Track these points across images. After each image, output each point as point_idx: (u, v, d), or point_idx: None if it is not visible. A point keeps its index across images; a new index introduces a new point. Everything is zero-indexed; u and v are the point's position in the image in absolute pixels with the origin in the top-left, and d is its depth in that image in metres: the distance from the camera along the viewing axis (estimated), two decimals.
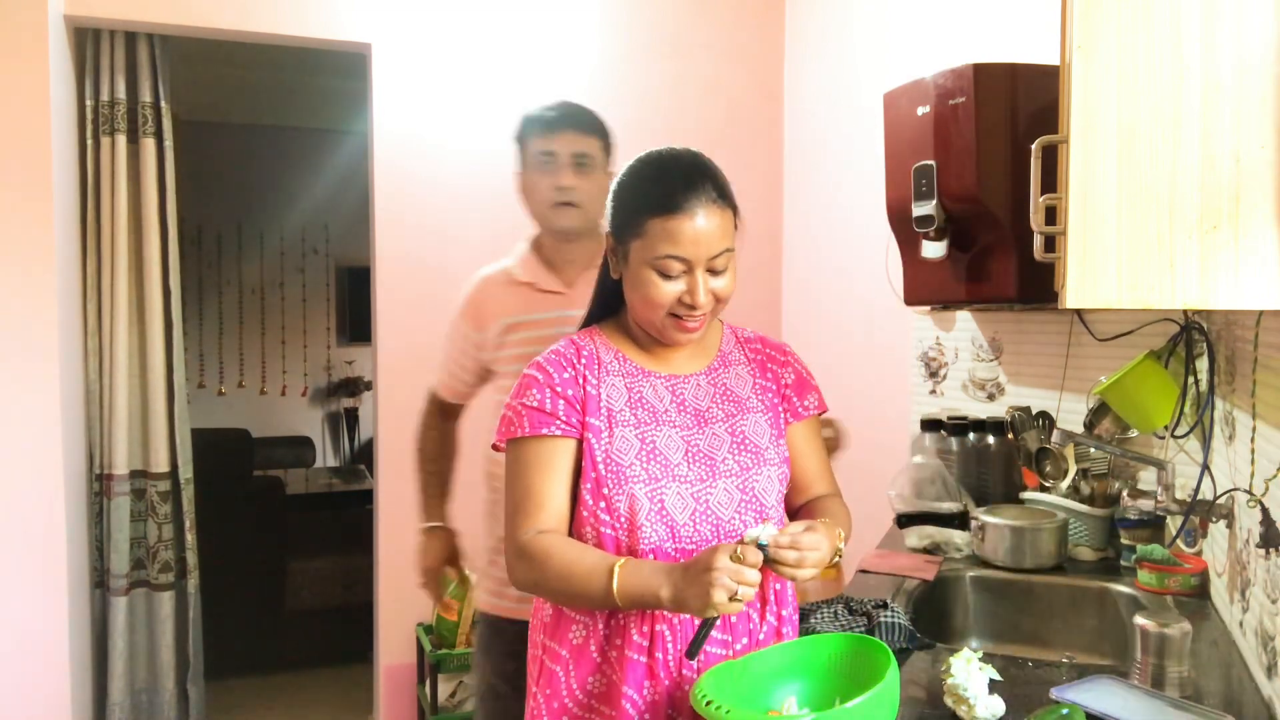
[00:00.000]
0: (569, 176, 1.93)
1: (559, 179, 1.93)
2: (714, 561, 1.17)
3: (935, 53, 2.60)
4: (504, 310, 1.99)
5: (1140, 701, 1.33)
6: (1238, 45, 1.01)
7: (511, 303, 1.99)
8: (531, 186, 1.98)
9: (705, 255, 1.34)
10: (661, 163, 1.40)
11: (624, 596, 1.26)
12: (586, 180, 1.95)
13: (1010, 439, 2.33)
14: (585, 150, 1.95)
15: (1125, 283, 1.05)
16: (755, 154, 3.53)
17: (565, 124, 1.96)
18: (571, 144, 1.95)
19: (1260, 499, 1.42)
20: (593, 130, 1.99)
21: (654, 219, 1.33)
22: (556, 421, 1.37)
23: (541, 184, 1.95)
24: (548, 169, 1.94)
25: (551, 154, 1.94)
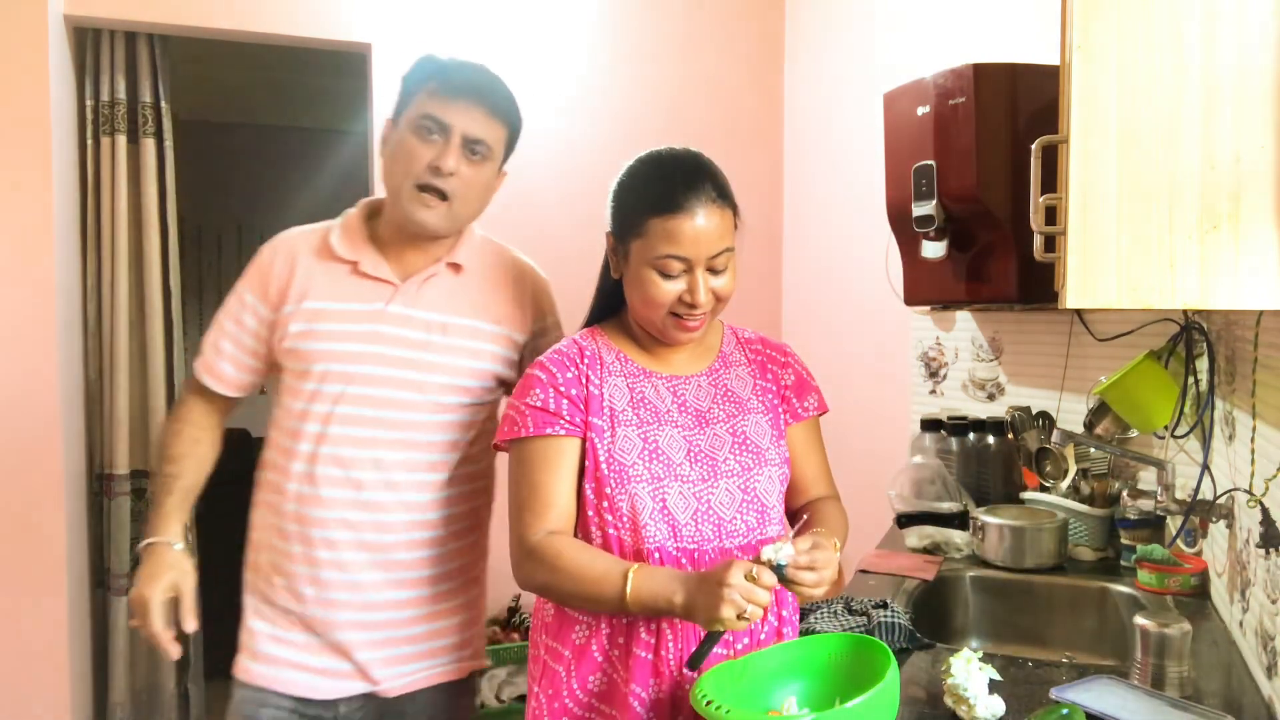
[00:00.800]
0: (454, 159, 1.49)
1: (442, 158, 1.48)
2: (728, 577, 1.18)
3: (935, 53, 2.60)
4: (307, 288, 1.56)
5: (1140, 701, 1.33)
6: (1238, 45, 1.01)
7: (321, 282, 1.57)
8: (403, 154, 1.51)
9: (705, 254, 1.34)
10: (661, 162, 1.40)
11: (637, 602, 1.26)
12: (473, 173, 1.52)
13: (1010, 439, 2.33)
14: (486, 137, 1.51)
15: (1125, 283, 1.05)
16: (755, 154, 3.53)
17: (473, 95, 1.51)
18: (473, 122, 1.50)
19: (1260, 499, 1.41)
20: (503, 116, 1.55)
21: (654, 218, 1.33)
22: (560, 421, 1.37)
23: (416, 155, 1.49)
24: (430, 140, 1.49)
25: (443, 125, 1.49)
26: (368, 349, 1.53)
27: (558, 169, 3.28)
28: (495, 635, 3.12)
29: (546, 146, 3.27)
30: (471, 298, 1.59)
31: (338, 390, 1.53)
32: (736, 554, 1.38)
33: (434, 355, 1.55)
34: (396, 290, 1.56)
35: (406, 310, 1.55)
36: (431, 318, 1.56)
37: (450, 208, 1.51)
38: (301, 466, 1.54)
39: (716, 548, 1.37)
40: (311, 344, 1.54)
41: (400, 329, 1.54)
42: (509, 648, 3.06)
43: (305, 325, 1.55)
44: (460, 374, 1.57)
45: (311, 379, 1.54)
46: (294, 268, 1.58)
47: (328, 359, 1.53)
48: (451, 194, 1.50)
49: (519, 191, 3.39)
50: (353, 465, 1.53)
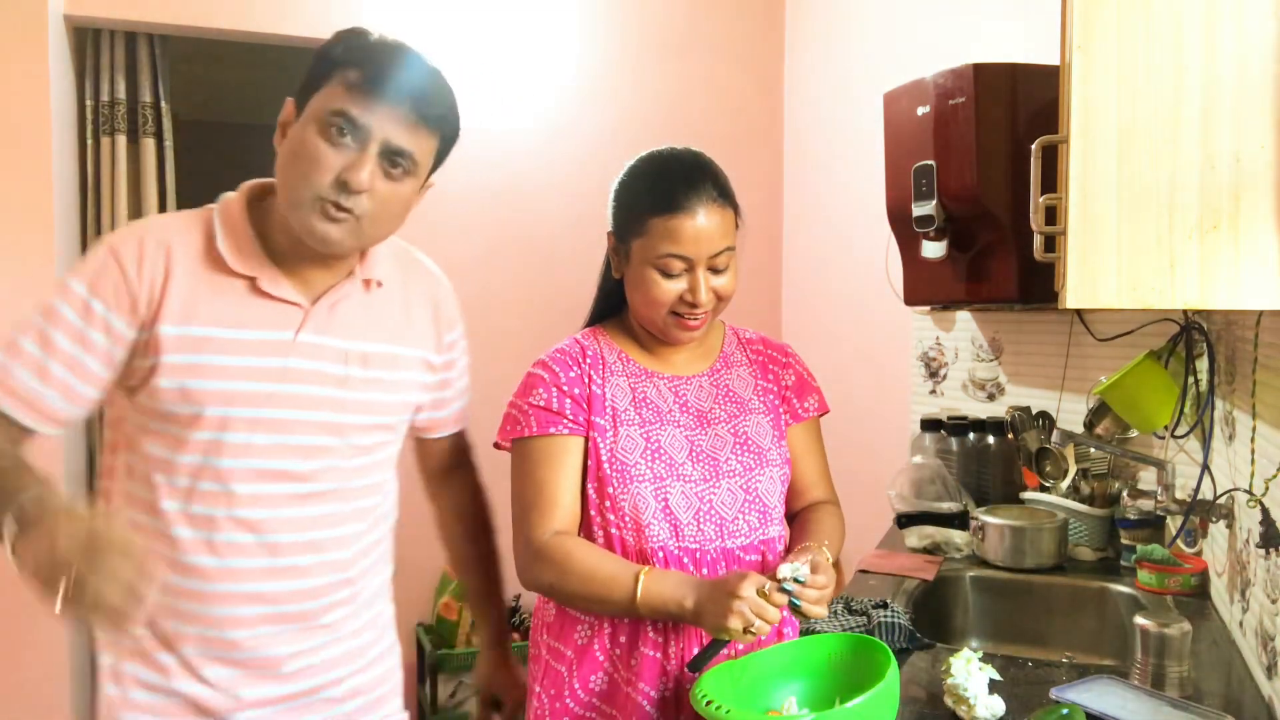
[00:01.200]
0: (368, 174, 1.16)
1: (354, 170, 1.16)
2: (740, 589, 1.19)
3: (935, 53, 2.60)
4: (192, 306, 1.21)
5: (1140, 701, 1.33)
6: (1238, 45, 1.01)
7: (209, 300, 1.22)
8: (305, 156, 1.17)
9: (706, 253, 1.34)
10: (662, 161, 1.40)
11: (646, 605, 1.27)
12: (390, 190, 1.20)
13: (1010, 439, 2.33)
14: (412, 149, 1.20)
15: (1125, 283, 1.05)
16: (755, 154, 3.53)
17: (403, 95, 1.18)
18: (398, 129, 1.18)
19: (1260, 499, 1.41)
20: (438, 123, 1.23)
21: (655, 218, 1.34)
22: (564, 421, 1.37)
23: (322, 161, 1.16)
24: (340, 144, 1.16)
25: (359, 128, 1.16)
26: (277, 389, 1.23)
27: (557, 169, 3.28)
28: None
29: (545, 146, 3.27)
30: (389, 318, 1.33)
31: (242, 441, 1.22)
32: (739, 554, 1.38)
33: (353, 392, 1.28)
34: (306, 315, 1.25)
35: (319, 339, 1.26)
36: (350, 347, 1.28)
37: (359, 225, 1.18)
38: (198, 534, 1.22)
39: (719, 548, 1.37)
40: (203, 383, 1.20)
41: (314, 363, 1.25)
42: None
43: (191, 358, 1.19)
44: (382, 410, 1.32)
45: (205, 427, 1.20)
46: (169, 275, 1.20)
47: (227, 402, 1.20)
48: (361, 214, 1.17)
49: (518, 191, 3.41)
50: (266, 528, 1.24)
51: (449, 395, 1.45)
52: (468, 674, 3.06)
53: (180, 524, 1.22)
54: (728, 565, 1.37)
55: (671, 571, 1.32)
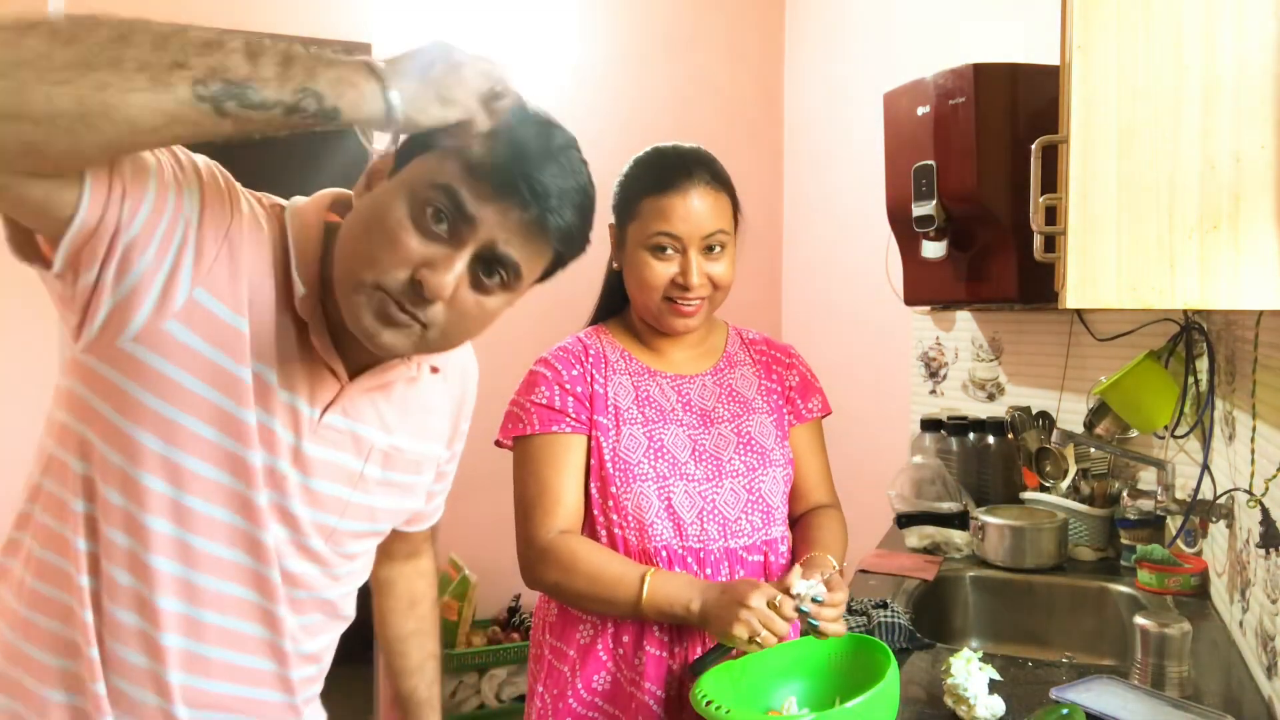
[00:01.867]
0: (453, 278, 0.88)
1: (436, 270, 0.87)
2: (749, 599, 1.19)
3: (935, 53, 2.60)
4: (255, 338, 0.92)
5: (1140, 701, 1.33)
6: (1238, 45, 1.01)
7: (268, 335, 0.94)
8: (384, 231, 0.88)
9: (698, 234, 1.34)
10: (661, 151, 1.42)
11: (652, 606, 1.27)
12: (474, 303, 0.91)
13: (1010, 439, 2.33)
14: (519, 260, 0.90)
15: (1125, 283, 1.05)
16: (755, 154, 3.53)
17: (530, 195, 0.87)
18: (511, 233, 0.89)
19: (1260, 499, 1.41)
20: (562, 240, 0.92)
21: (647, 198, 1.35)
22: (566, 419, 1.37)
23: (403, 246, 0.87)
24: (432, 236, 0.87)
25: (463, 217, 0.87)
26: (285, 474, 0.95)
27: None
28: (495, 635, 3.12)
29: None
30: (421, 409, 1.07)
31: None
32: (742, 554, 1.38)
33: (361, 495, 1.02)
34: (341, 390, 0.97)
35: (347, 424, 0.98)
36: (376, 440, 1.01)
37: (424, 338, 0.90)
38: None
39: (722, 547, 1.37)
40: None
41: (332, 452, 0.97)
42: (509, 648, 3.06)
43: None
44: (386, 517, 1.09)
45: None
46: (238, 265, 0.90)
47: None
48: (431, 323, 0.89)
49: None
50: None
51: (441, 488, 1.21)
52: (468, 674, 3.06)
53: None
54: (730, 565, 1.37)
55: (678, 573, 1.31)
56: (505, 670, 3.09)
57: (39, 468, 0.95)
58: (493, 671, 3.07)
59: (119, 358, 0.86)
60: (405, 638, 1.31)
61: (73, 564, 0.91)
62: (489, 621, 3.19)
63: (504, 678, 3.10)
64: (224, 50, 0.73)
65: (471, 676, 3.07)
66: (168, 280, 0.85)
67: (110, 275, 0.84)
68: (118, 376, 0.87)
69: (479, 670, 3.06)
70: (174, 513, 0.90)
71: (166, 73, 0.70)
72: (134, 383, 0.87)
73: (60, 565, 0.92)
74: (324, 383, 0.95)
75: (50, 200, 0.78)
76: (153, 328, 0.86)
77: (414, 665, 1.31)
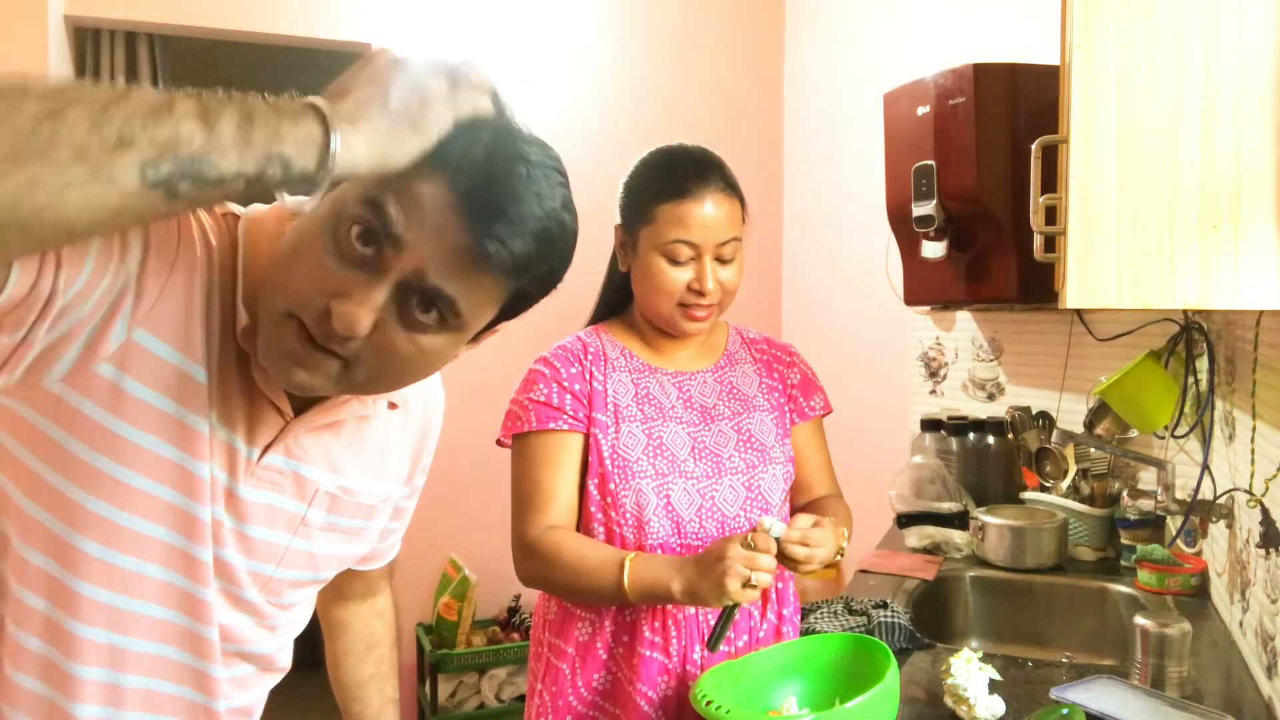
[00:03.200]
0: (366, 314, 0.76)
1: (345, 301, 0.76)
2: (726, 551, 1.19)
3: (935, 53, 2.60)
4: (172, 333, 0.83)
5: (1140, 701, 1.33)
6: (1238, 45, 1.01)
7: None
8: (303, 253, 0.78)
9: (714, 241, 1.34)
10: (670, 153, 1.41)
11: (635, 591, 1.26)
12: (405, 342, 0.78)
13: (1010, 439, 2.33)
14: (455, 295, 0.77)
15: (1125, 283, 1.05)
16: (755, 154, 3.53)
17: (475, 217, 0.74)
18: (443, 262, 0.75)
19: (1260, 499, 1.41)
20: (513, 272, 0.79)
21: (664, 205, 1.34)
22: (564, 416, 1.37)
23: (320, 271, 0.77)
24: (353, 259, 0.76)
25: (387, 237, 0.75)
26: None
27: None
28: (495, 635, 3.12)
29: None
30: (375, 448, 0.97)
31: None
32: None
33: (303, 542, 0.92)
34: (285, 428, 0.86)
35: (289, 465, 0.88)
36: (321, 481, 0.91)
37: (346, 375, 0.78)
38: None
39: None
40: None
41: (270, 495, 0.88)
42: (509, 648, 3.06)
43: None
44: (327, 565, 0.98)
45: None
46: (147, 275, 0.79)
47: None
48: (353, 359, 0.76)
49: None
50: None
51: (397, 525, 1.10)
52: (468, 674, 3.06)
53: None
54: None
55: (657, 555, 1.32)
56: (505, 670, 3.09)
57: None
58: (493, 671, 3.08)
59: (45, 400, 0.76)
60: (364, 683, 1.21)
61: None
62: (489, 621, 3.19)
63: (504, 678, 3.10)
64: (174, 117, 0.59)
65: (471, 676, 3.07)
66: (101, 325, 0.75)
67: (40, 333, 0.73)
68: (42, 420, 0.76)
69: (479, 670, 3.06)
70: (103, 573, 0.79)
71: (109, 158, 0.56)
72: (60, 428, 0.76)
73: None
74: (266, 420, 0.84)
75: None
76: (82, 370, 0.75)
77: (374, 712, 1.21)
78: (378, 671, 1.22)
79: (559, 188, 0.79)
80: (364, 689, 1.21)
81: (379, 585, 1.22)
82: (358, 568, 1.09)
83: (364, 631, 1.21)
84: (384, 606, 1.24)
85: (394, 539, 1.13)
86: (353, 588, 1.17)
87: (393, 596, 1.26)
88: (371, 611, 1.22)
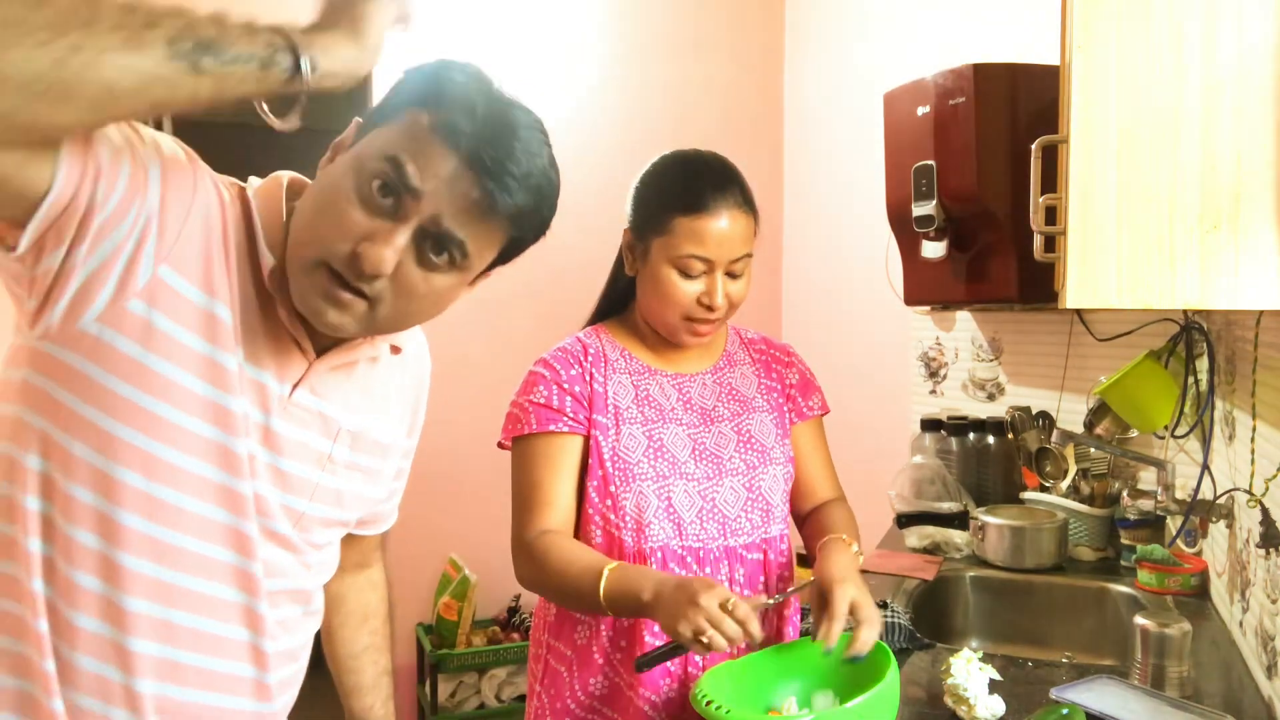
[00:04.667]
0: (392, 252, 0.86)
1: (375, 244, 0.86)
2: (701, 598, 1.13)
3: (935, 53, 2.60)
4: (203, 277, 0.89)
5: (1140, 701, 1.33)
6: (1238, 45, 1.01)
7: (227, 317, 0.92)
8: (331, 205, 0.89)
9: (727, 257, 1.34)
10: (689, 163, 1.40)
11: (609, 600, 1.23)
12: (420, 281, 0.90)
13: (1010, 439, 2.33)
14: (465, 238, 0.89)
15: (1125, 283, 1.05)
16: (755, 154, 3.53)
17: (479, 169, 0.86)
18: (456, 208, 0.87)
19: (1260, 499, 1.41)
20: (513, 219, 0.92)
21: (681, 217, 1.33)
22: (564, 418, 1.37)
23: (346, 218, 0.86)
24: (376, 208, 0.86)
25: (407, 189, 0.86)
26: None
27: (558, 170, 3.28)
28: (495, 635, 3.12)
29: None
30: (385, 395, 1.06)
31: None
32: (741, 553, 1.38)
33: (329, 477, 0.99)
34: (309, 368, 0.95)
35: (315, 403, 0.96)
36: (343, 421, 0.99)
37: (371, 315, 0.88)
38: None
39: (721, 546, 1.37)
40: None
41: (301, 431, 0.95)
42: (509, 648, 3.06)
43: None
44: (353, 504, 1.05)
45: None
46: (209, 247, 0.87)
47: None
48: (377, 298, 0.87)
49: None
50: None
51: (398, 486, 1.17)
52: (468, 674, 3.06)
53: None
54: (730, 563, 1.37)
55: (639, 566, 1.30)
56: (505, 670, 3.09)
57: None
58: (493, 671, 3.07)
59: (81, 340, 0.82)
60: (358, 654, 1.25)
61: (23, 568, 0.84)
62: (489, 621, 3.19)
63: (504, 678, 3.10)
64: (190, 15, 0.71)
65: (471, 676, 3.07)
66: (130, 259, 0.81)
67: (79, 256, 0.79)
68: (82, 362, 0.82)
69: (479, 670, 3.06)
70: (146, 505, 0.85)
71: (140, 32, 0.67)
72: (98, 366, 0.82)
73: (6, 571, 0.85)
74: (291, 359, 0.93)
75: (22, 175, 0.73)
76: (116, 307, 0.81)
77: (368, 683, 1.25)
78: (372, 643, 1.25)
79: (545, 146, 0.92)
80: (358, 660, 1.25)
81: (372, 556, 1.26)
82: (356, 531, 1.13)
83: (359, 603, 1.25)
84: (378, 579, 1.28)
85: (394, 502, 1.19)
86: (347, 557, 1.18)
87: (386, 571, 1.30)
88: (367, 583, 1.26)
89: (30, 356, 0.84)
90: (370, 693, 1.25)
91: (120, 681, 0.86)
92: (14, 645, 0.85)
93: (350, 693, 1.25)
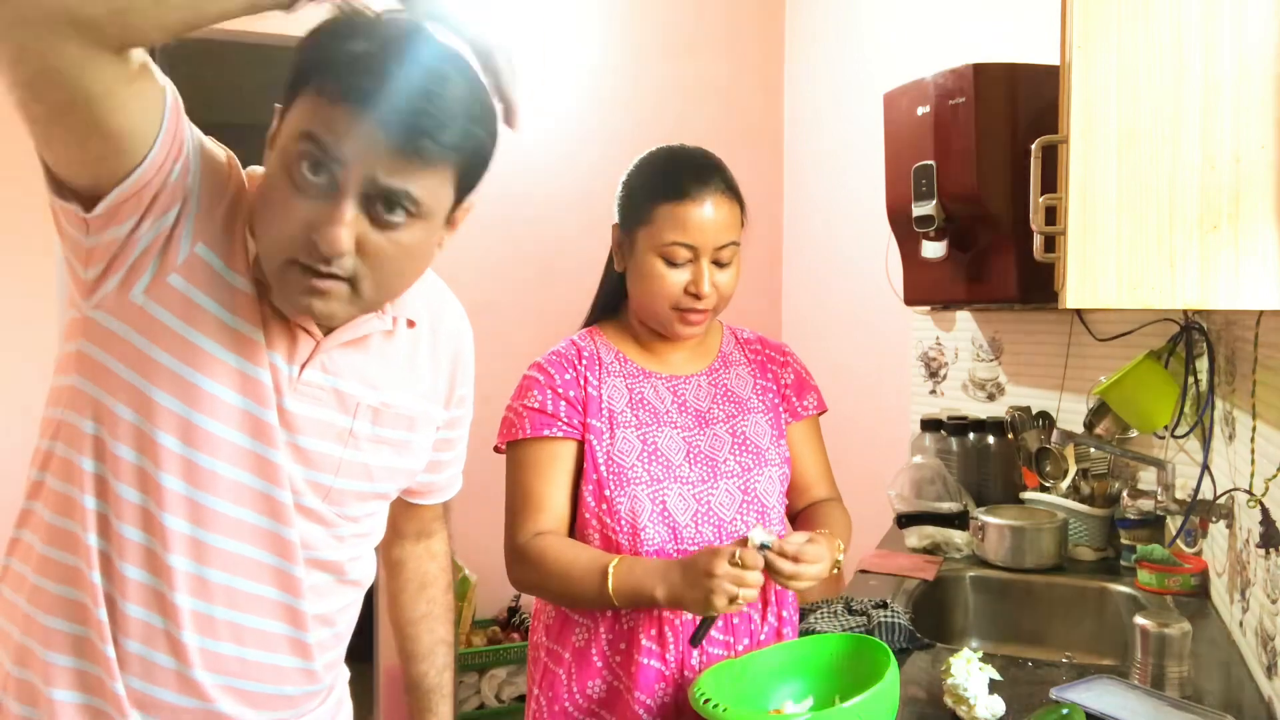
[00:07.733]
0: (345, 232, 0.86)
1: (325, 227, 0.86)
2: (714, 568, 1.18)
3: (935, 53, 2.60)
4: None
5: (1140, 701, 1.33)
6: (1238, 45, 1.01)
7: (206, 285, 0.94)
8: (271, 199, 0.90)
9: (712, 244, 1.34)
10: (671, 154, 1.41)
11: (620, 595, 1.26)
12: (387, 243, 0.89)
13: (1010, 439, 2.33)
14: (408, 187, 0.86)
15: (1125, 283, 1.05)
16: (755, 154, 3.53)
17: (388, 116, 0.84)
18: (385, 163, 0.85)
19: (1260, 499, 1.41)
20: (447, 151, 0.88)
21: (663, 205, 1.34)
22: (558, 423, 1.37)
23: (290, 210, 0.87)
24: (307, 184, 0.86)
25: (330, 161, 0.85)
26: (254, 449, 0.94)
27: (556, 169, 3.28)
28: (495, 635, 3.12)
29: (544, 147, 3.26)
30: (409, 367, 1.06)
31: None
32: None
33: (354, 452, 1.01)
34: (317, 347, 0.96)
35: (327, 380, 0.97)
36: (361, 396, 1.00)
37: (356, 292, 0.88)
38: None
39: None
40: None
41: (316, 409, 0.97)
42: (509, 648, 3.06)
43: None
44: (385, 477, 1.06)
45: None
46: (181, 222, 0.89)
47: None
48: (353, 275, 0.87)
49: (516, 192, 3.40)
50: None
51: (449, 458, 1.20)
52: (468, 674, 3.06)
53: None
54: None
55: (641, 559, 1.31)
56: (505, 670, 3.09)
57: (47, 435, 0.95)
58: (493, 671, 3.07)
59: (131, 312, 0.87)
60: (415, 621, 1.29)
61: (80, 524, 0.91)
62: (489, 621, 3.19)
63: (504, 678, 3.10)
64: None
65: (471, 676, 3.07)
66: (171, 234, 0.87)
67: (144, 229, 0.85)
68: (129, 331, 0.88)
69: (479, 670, 3.06)
70: (183, 469, 0.90)
71: None
72: (144, 337, 0.88)
73: (68, 527, 0.92)
74: (299, 340, 0.95)
75: (131, 132, 0.79)
76: (160, 280, 0.87)
77: (424, 650, 1.29)
78: (429, 611, 1.29)
79: (448, 63, 0.87)
80: (415, 627, 1.29)
81: (433, 526, 1.30)
82: (413, 500, 1.21)
83: (417, 571, 1.29)
84: (439, 550, 1.32)
85: (450, 473, 1.23)
86: (407, 526, 1.26)
87: (449, 543, 1.35)
88: (426, 553, 1.30)
89: (84, 327, 0.89)
90: (425, 660, 1.29)
91: (166, 631, 0.92)
92: (74, 594, 0.92)
93: (407, 658, 1.30)
